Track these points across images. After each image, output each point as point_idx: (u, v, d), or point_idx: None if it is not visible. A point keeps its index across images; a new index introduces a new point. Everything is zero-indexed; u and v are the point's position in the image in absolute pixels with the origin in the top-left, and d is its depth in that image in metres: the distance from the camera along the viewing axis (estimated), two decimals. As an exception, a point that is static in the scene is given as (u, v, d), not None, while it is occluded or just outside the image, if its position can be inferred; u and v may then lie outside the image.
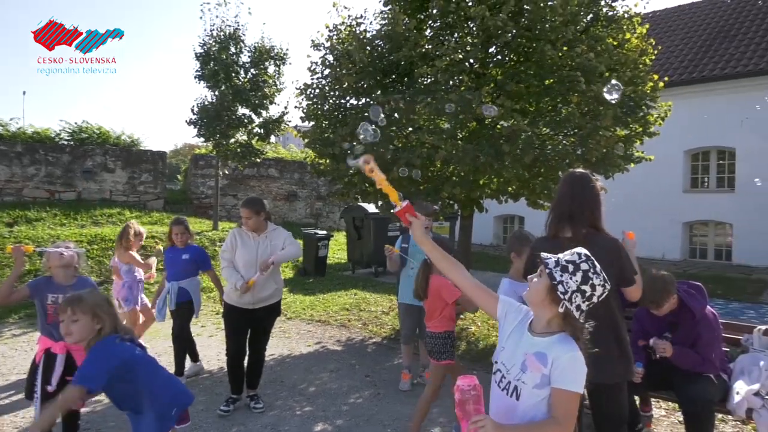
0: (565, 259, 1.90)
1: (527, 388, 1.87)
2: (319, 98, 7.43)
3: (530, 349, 1.90)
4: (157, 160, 15.93)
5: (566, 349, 1.84)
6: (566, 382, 1.81)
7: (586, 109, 6.74)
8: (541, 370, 1.84)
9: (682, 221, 13.72)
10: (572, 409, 1.82)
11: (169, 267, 5.35)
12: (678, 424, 4.34)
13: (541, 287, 1.90)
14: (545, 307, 1.90)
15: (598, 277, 1.87)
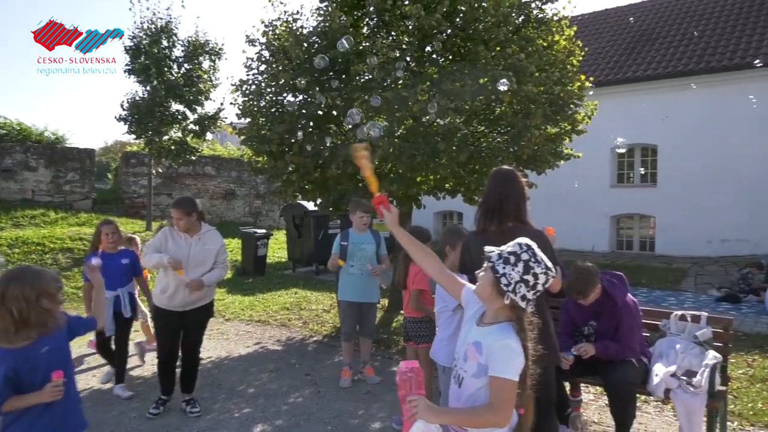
0: (507, 251, 1.95)
1: (467, 376, 1.93)
2: (255, 95, 7.32)
3: (471, 339, 1.97)
4: (84, 158, 15.21)
5: (499, 337, 1.88)
6: (497, 370, 1.85)
7: (518, 108, 6.98)
8: (477, 358, 1.90)
9: (610, 215, 14.40)
10: (506, 396, 1.84)
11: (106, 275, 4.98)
12: (605, 407, 4.58)
13: (486, 281, 1.94)
14: (493, 300, 1.94)
15: (540, 266, 1.92)
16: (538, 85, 6.68)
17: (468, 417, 1.89)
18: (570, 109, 7.36)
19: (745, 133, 12.20)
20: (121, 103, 13.04)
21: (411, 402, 1.81)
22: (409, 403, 1.81)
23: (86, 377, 5.39)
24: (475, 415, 1.88)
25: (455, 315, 3.40)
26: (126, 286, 5.03)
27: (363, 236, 5.18)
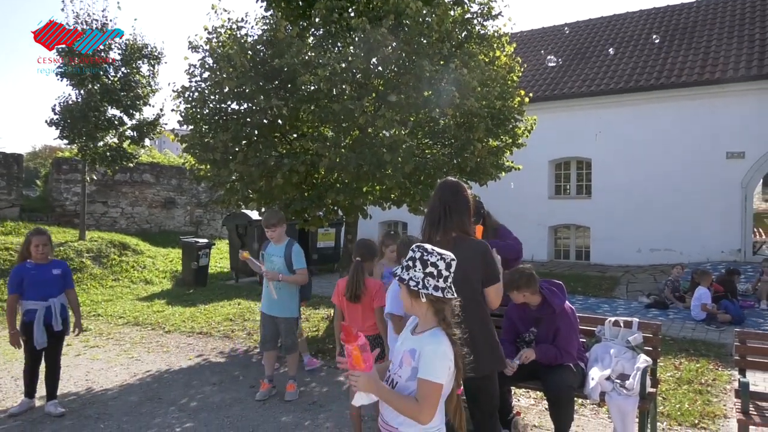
0: (406, 260, 2.11)
1: (401, 381, 2.04)
2: (198, 102, 7.16)
3: (407, 347, 2.08)
4: (11, 164, 14.38)
5: (430, 341, 2.00)
6: (425, 372, 1.95)
7: (461, 121, 7.17)
8: (410, 363, 2.02)
9: (548, 225, 14.95)
10: (430, 396, 1.94)
11: (36, 285, 4.70)
12: (544, 411, 4.74)
13: (404, 295, 2.10)
14: (417, 307, 2.06)
15: (433, 255, 2.05)
16: (480, 100, 6.89)
17: (396, 401, 1.98)
18: (511, 123, 7.63)
19: (672, 149, 12.99)
20: (52, 107, 12.42)
21: (353, 376, 1.94)
22: (352, 376, 1.94)
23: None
24: (402, 402, 1.98)
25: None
26: (58, 297, 4.78)
27: (275, 248, 5.12)
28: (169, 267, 12.78)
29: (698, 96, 12.88)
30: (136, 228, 16.60)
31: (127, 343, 7.09)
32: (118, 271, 11.72)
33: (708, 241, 12.49)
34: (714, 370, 5.81)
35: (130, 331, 7.75)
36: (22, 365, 5.99)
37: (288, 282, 5.00)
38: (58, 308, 4.74)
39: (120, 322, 8.23)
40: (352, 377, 1.94)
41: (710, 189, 12.48)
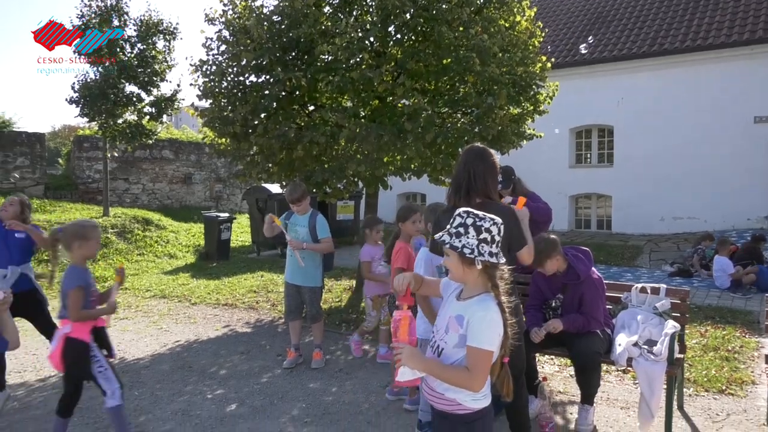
0: (453, 227, 2.04)
1: (448, 347, 2.02)
2: (216, 75, 7.13)
3: (453, 312, 2.05)
4: (33, 143, 14.59)
5: (479, 308, 1.98)
6: (475, 340, 1.94)
7: (482, 89, 7.05)
8: (458, 330, 1.99)
9: (569, 194, 14.79)
10: (481, 364, 1.93)
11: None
12: (569, 378, 4.77)
13: (455, 263, 2.03)
14: (468, 274, 2.02)
15: (485, 220, 2.02)
16: (501, 66, 6.76)
17: (446, 373, 1.98)
18: (532, 89, 7.48)
19: (696, 114, 12.68)
20: (72, 85, 12.51)
21: (396, 349, 1.93)
22: (396, 349, 1.94)
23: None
24: (452, 373, 1.97)
25: None
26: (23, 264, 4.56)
27: (300, 218, 5.16)
28: (192, 241, 12.96)
29: (725, 59, 12.50)
30: (157, 204, 16.81)
31: (155, 315, 7.25)
32: (142, 246, 11.91)
33: (733, 208, 12.26)
34: (741, 337, 5.76)
35: (158, 303, 7.92)
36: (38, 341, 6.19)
37: (313, 250, 5.04)
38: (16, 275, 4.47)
39: (147, 295, 8.40)
40: (397, 351, 1.92)
41: (736, 155, 12.20)
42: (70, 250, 3.43)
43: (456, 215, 2.07)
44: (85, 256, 3.46)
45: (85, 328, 3.33)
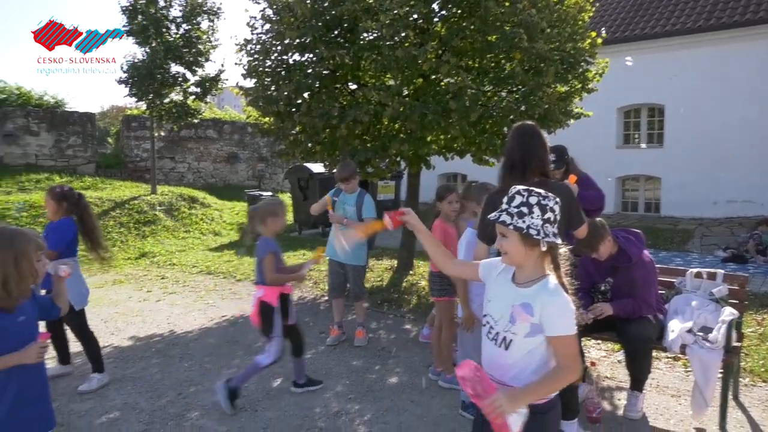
0: (513, 207, 1.93)
1: (518, 338, 1.90)
2: (260, 54, 7.17)
3: (516, 301, 1.93)
4: (85, 122, 15.07)
5: (550, 294, 1.88)
6: (560, 329, 1.85)
7: (529, 66, 6.86)
8: (528, 320, 1.88)
9: (615, 176, 14.35)
10: (573, 350, 1.87)
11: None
12: (616, 364, 4.66)
13: (515, 245, 1.91)
14: (528, 256, 1.92)
15: (548, 198, 1.93)
16: (549, 42, 6.55)
17: (547, 386, 1.88)
18: (581, 66, 7.24)
19: (754, 92, 12.03)
20: (120, 66, 12.82)
21: (493, 403, 1.77)
22: (491, 405, 1.78)
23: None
24: (553, 382, 1.87)
25: None
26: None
27: (348, 196, 5.17)
28: (236, 219, 13.21)
29: (789, 33, 11.78)
30: (202, 182, 17.19)
31: (202, 290, 7.45)
32: (188, 223, 12.22)
33: (793, 191, 11.67)
34: (800, 325, 5.51)
35: (204, 279, 8.12)
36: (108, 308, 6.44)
37: (339, 220, 5.11)
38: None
39: (194, 271, 8.63)
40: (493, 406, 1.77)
41: (798, 135, 11.56)
42: (264, 225, 3.90)
43: (515, 194, 1.95)
44: (275, 229, 3.93)
45: (274, 294, 3.78)
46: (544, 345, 1.90)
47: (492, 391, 1.81)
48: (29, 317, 2.29)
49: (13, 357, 2.19)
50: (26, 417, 2.26)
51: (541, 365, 1.91)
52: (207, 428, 3.57)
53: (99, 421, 3.69)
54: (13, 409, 2.20)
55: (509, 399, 1.78)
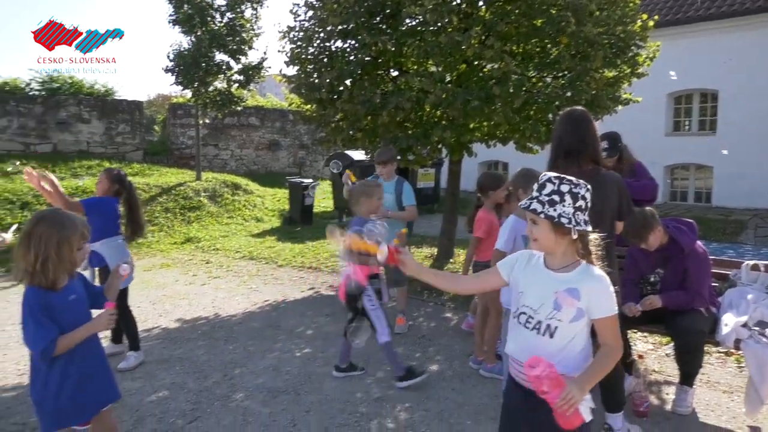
0: (545, 195, 1.91)
1: (563, 324, 1.90)
2: (303, 41, 7.21)
3: (560, 287, 1.92)
4: (133, 110, 15.49)
5: (590, 277, 1.91)
6: (604, 310, 1.89)
7: (575, 51, 6.66)
8: (575, 304, 1.89)
9: (664, 164, 13.87)
10: (617, 329, 1.93)
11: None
12: (663, 358, 4.53)
13: (545, 232, 1.92)
14: (558, 244, 1.93)
15: (581, 186, 1.92)
16: (597, 26, 6.34)
17: (602, 368, 1.90)
18: (631, 51, 6.99)
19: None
20: (167, 54, 13.10)
21: (566, 397, 1.75)
22: (564, 399, 1.75)
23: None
24: (604, 365, 1.90)
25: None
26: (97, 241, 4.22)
27: (386, 184, 5.15)
28: (277, 206, 13.41)
29: None
30: (244, 169, 17.48)
31: (245, 275, 7.60)
32: (231, 210, 12.47)
33: None
34: None
35: (246, 264, 8.29)
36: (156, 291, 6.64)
37: (397, 218, 5.04)
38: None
39: (237, 256, 8.82)
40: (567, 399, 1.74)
41: None
42: (357, 205, 4.08)
43: (545, 181, 1.94)
44: (368, 210, 4.06)
45: (363, 272, 3.75)
46: (585, 329, 1.94)
47: (562, 384, 1.78)
48: (80, 296, 2.38)
49: (85, 328, 2.30)
50: (92, 390, 2.38)
51: (585, 349, 1.95)
52: (252, 410, 3.66)
53: (149, 399, 3.82)
54: (80, 383, 2.32)
55: (579, 388, 1.78)
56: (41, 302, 2.22)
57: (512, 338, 2.06)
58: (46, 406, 2.28)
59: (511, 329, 2.08)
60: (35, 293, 2.23)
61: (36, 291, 2.23)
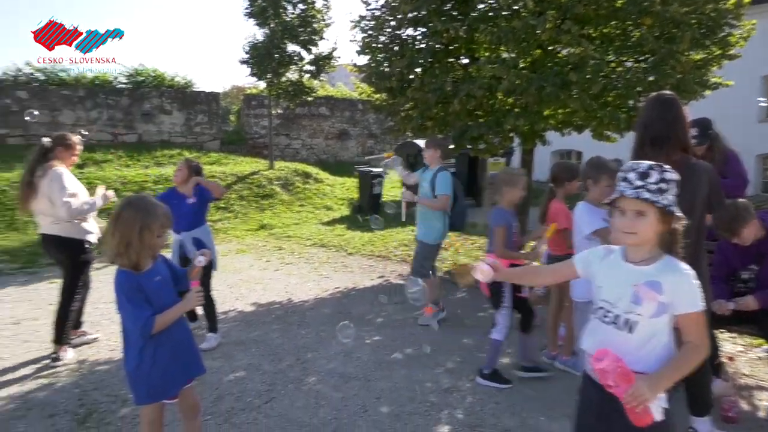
0: (651, 183, 1.80)
1: (643, 319, 1.81)
2: (374, 30, 7.22)
3: (639, 280, 1.83)
4: (210, 101, 16.13)
5: (678, 272, 1.80)
6: (690, 305, 1.77)
7: (659, 33, 6.29)
8: (656, 298, 1.79)
9: (756, 153, 12.94)
10: (704, 327, 1.80)
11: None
12: (756, 361, 4.25)
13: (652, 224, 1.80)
14: (654, 236, 1.83)
15: (674, 173, 1.83)
16: (685, 4, 5.95)
17: (682, 367, 1.78)
18: (722, 30, 6.52)
19: None
20: (243, 47, 13.53)
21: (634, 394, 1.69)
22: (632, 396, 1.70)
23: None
24: (687, 362, 1.78)
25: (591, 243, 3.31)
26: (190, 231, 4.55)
27: (427, 172, 5.14)
28: (346, 195, 13.59)
29: None
30: (314, 158, 17.83)
31: (316, 262, 7.77)
32: (302, 198, 12.77)
33: None
34: None
35: (317, 251, 8.47)
36: (233, 275, 6.90)
37: (427, 206, 5.03)
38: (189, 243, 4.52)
39: (308, 244, 9.03)
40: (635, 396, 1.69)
41: None
42: (500, 194, 3.92)
43: (647, 169, 1.81)
44: (510, 200, 3.90)
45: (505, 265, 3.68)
46: (668, 325, 1.82)
47: (632, 380, 1.71)
48: (165, 278, 2.51)
49: (178, 307, 2.44)
50: (181, 364, 2.53)
51: (667, 346, 1.83)
52: (324, 393, 3.74)
53: (228, 378, 3.99)
54: (171, 358, 2.46)
55: (650, 386, 1.70)
56: (132, 283, 2.36)
57: (590, 333, 1.99)
58: (140, 380, 2.44)
59: (590, 324, 2.01)
60: (126, 275, 2.37)
61: (126, 273, 2.37)
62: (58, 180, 4.19)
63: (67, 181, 4.24)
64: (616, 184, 1.88)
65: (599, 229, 3.31)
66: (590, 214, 3.41)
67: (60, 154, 4.38)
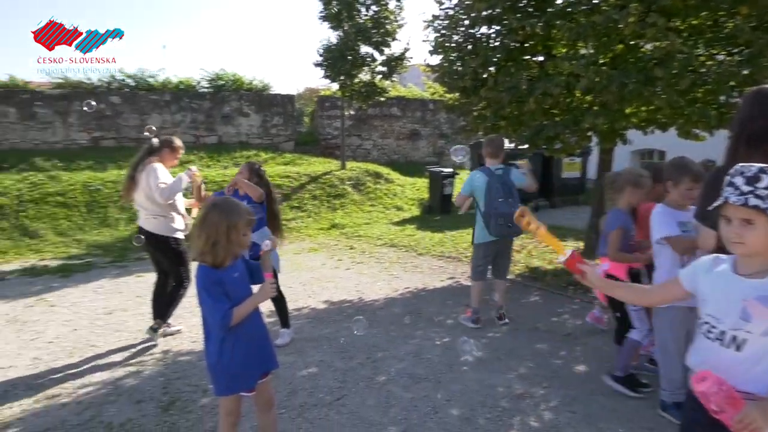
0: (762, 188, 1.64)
1: (754, 336, 1.65)
2: (447, 29, 7.17)
3: (749, 294, 1.66)
4: (286, 104, 16.60)
5: None
6: None
7: (757, 23, 5.84)
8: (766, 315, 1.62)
9: None
10: None
11: None
12: None
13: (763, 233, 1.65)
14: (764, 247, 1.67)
15: None
16: (786, -8, 5.50)
17: None
18: (828, 19, 5.97)
19: None
20: (317, 50, 13.84)
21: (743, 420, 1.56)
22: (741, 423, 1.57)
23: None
24: None
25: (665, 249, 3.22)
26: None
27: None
28: (417, 195, 13.59)
29: None
30: (385, 159, 17.95)
31: (386, 262, 7.82)
32: (373, 198, 12.89)
33: None
34: None
35: (387, 251, 8.52)
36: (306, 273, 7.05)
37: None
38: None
39: (378, 243, 9.10)
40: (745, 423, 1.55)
41: None
42: (621, 194, 3.76)
43: (759, 173, 1.66)
44: (630, 202, 3.76)
45: (622, 269, 3.73)
46: None
47: (740, 405, 1.56)
48: (242, 273, 2.61)
49: (253, 299, 2.54)
50: (258, 357, 2.63)
51: None
52: (394, 393, 3.75)
53: (300, 373, 4.09)
54: (248, 351, 2.56)
55: (763, 412, 1.54)
56: (213, 278, 2.47)
57: (696, 350, 1.84)
58: (221, 373, 2.54)
59: (696, 341, 1.86)
60: (207, 271, 2.49)
61: (207, 269, 2.49)
62: (153, 172, 4.66)
63: (161, 173, 4.71)
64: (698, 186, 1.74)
65: (670, 237, 3.14)
66: (665, 217, 3.21)
67: (164, 155, 4.86)
